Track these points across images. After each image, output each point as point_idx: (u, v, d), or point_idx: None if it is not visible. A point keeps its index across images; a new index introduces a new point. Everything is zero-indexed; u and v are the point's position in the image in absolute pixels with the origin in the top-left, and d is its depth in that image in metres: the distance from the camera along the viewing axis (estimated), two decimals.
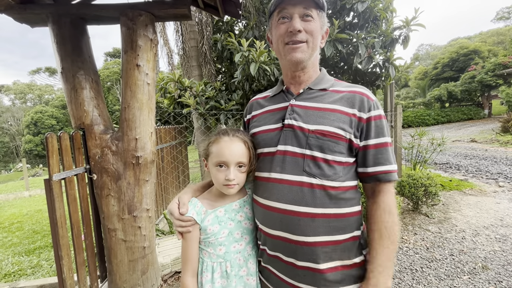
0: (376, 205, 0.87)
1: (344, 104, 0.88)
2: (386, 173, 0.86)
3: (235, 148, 0.93)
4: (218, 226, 0.97)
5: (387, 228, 0.84)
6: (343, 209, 0.85)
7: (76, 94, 1.85)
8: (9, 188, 10.87)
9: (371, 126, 0.87)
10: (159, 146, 3.67)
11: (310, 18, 0.87)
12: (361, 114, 0.87)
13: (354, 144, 0.86)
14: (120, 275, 1.99)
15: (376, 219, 0.86)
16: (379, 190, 0.88)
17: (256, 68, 3.50)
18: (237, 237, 0.98)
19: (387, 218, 0.84)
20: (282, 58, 0.94)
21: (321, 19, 0.91)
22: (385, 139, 0.87)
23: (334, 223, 0.84)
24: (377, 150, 0.86)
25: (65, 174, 1.73)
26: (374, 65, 4.04)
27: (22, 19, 1.86)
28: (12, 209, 6.52)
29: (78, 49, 1.86)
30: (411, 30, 3.99)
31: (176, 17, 2.00)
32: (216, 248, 0.97)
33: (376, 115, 0.87)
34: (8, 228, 4.86)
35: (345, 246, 0.85)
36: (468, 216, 3.75)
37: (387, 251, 0.83)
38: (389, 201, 0.86)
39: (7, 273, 3.05)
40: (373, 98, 0.89)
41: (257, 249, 1.04)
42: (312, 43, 0.89)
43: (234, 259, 0.97)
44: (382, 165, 0.86)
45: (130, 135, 1.90)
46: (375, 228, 0.85)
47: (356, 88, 0.91)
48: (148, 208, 2.04)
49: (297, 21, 0.86)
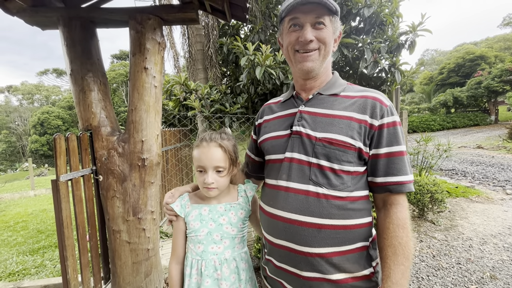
0: (388, 218, 0.83)
1: (355, 110, 0.84)
2: (398, 184, 0.81)
3: (211, 154, 0.96)
4: (199, 224, 1.00)
5: (401, 244, 0.79)
6: (352, 220, 0.81)
7: (85, 96, 1.87)
8: (14, 187, 11.00)
9: (383, 133, 0.82)
10: (165, 148, 3.69)
11: (322, 25, 0.84)
12: (372, 121, 0.82)
13: (364, 153, 0.83)
14: (124, 277, 1.99)
15: (389, 234, 0.81)
16: (390, 202, 0.83)
17: (262, 72, 3.51)
18: (216, 238, 1.00)
19: (401, 233, 0.80)
20: (292, 65, 0.92)
21: (334, 24, 0.88)
22: (399, 148, 0.82)
23: (341, 234, 0.80)
24: (388, 159, 0.82)
25: (72, 175, 1.75)
26: (379, 70, 4.02)
27: (33, 21, 1.89)
28: (17, 208, 6.58)
29: (88, 52, 1.89)
30: (418, 36, 3.98)
31: (184, 21, 2.02)
32: (196, 245, 1.01)
33: (390, 122, 0.82)
34: (13, 227, 4.90)
35: (353, 257, 0.82)
36: (475, 223, 3.69)
37: (402, 268, 0.78)
38: (402, 215, 0.81)
39: (12, 272, 3.07)
40: (387, 104, 0.84)
41: (242, 257, 1.04)
42: (324, 50, 0.86)
43: (210, 260, 0.98)
44: (393, 176, 0.81)
45: (136, 137, 1.91)
46: (388, 243, 0.81)
47: (369, 93, 0.86)
48: (152, 210, 2.04)
49: (308, 31, 0.84)
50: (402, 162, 0.81)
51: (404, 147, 0.83)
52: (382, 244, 0.83)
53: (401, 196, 0.83)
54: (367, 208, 0.85)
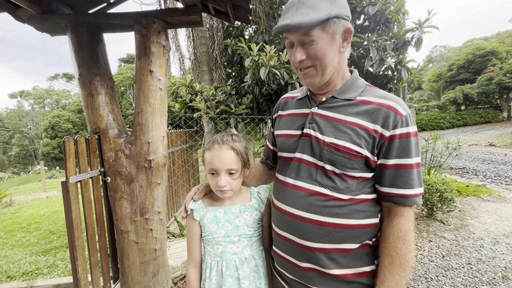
0: (390, 229, 0.82)
1: (367, 118, 0.81)
2: (402, 197, 0.80)
3: (224, 156, 0.96)
4: (215, 226, 1.01)
5: (399, 255, 0.78)
6: (355, 220, 0.82)
7: (92, 99, 1.91)
8: (27, 190, 11.29)
9: (393, 145, 0.79)
10: (171, 150, 3.73)
11: (313, 41, 0.79)
12: (383, 131, 0.79)
13: (371, 162, 0.82)
14: (132, 276, 2.03)
15: (388, 244, 0.81)
16: (394, 212, 0.83)
17: (266, 72, 3.52)
18: (234, 239, 1.01)
19: (400, 245, 0.79)
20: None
21: (330, 29, 0.79)
22: (409, 161, 0.79)
23: (343, 233, 0.82)
24: (396, 171, 0.80)
25: (81, 177, 1.79)
26: (385, 68, 3.98)
27: (43, 28, 1.94)
28: (30, 209, 6.76)
29: (95, 56, 1.93)
30: (424, 32, 3.93)
31: (188, 23, 2.05)
32: (214, 247, 1.01)
33: (403, 133, 0.79)
34: (27, 228, 5.04)
35: (354, 254, 0.84)
36: (486, 223, 3.60)
37: (397, 278, 0.78)
38: (404, 227, 0.80)
39: (25, 272, 3.16)
40: (402, 113, 0.79)
41: (260, 255, 1.05)
42: (320, 65, 0.83)
43: (230, 260, 1.00)
44: (398, 188, 0.80)
45: (143, 139, 1.94)
46: (386, 252, 0.81)
47: (386, 101, 0.82)
48: (159, 211, 2.08)
49: (297, 50, 0.83)
50: (410, 175, 0.79)
51: (415, 160, 0.80)
52: (381, 252, 0.83)
53: (406, 208, 0.81)
54: (373, 210, 0.85)
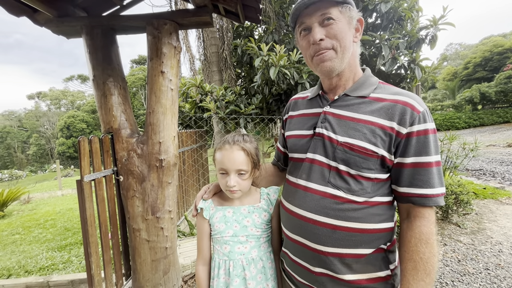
0: (411, 232, 0.78)
1: (382, 115, 0.79)
2: (422, 197, 0.76)
3: (234, 157, 0.96)
4: (224, 225, 1.02)
5: (423, 259, 0.74)
6: (370, 224, 0.79)
7: (106, 100, 1.96)
8: (44, 187, 11.69)
9: (411, 142, 0.76)
10: (181, 150, 3.77)
11: (331, 20, 0.80)
12: (400, 128, 0.76)
13: (388, 161, 0.78)
14: (144, 274, 2.06)
15: (410, 248, 0.76)
16: (414, 214, 0.78)
17: (276, 72, 3.50)
18: (242, 239, 1.01)
19: (423, 249, 0.74)
20: (314, 70, 0.90)
21: (347, 13, 0.81)
22: (428, 158, 0.76)
23: (358, 237, 0.79)
24: (414, 170, 0.77)
25: (95, 176, 1.83)
26: (398, 66, 3.89)
27: (59, 31, 2.00)
28: (46, 207, 6.99)
29: (108, 58, 1.97)
30: (439, 30, 3.81)
31: (199, 24, 2.06)
32: (222, 246, 1.02)
33: (421, 129, 0.76)
34: (43, 224, 5.21)
35: (368, 259, 0.80)
36: (505, 227, 3.46)
37: (422, 284, 0.73)
38: (426, 230, 0.76)
39: (42, 267, 3.26)
40: (419, 110, 0.77)
41: (268, 256, 1.05)
42: (339, 46, 0.81)
43: (237, 260, 1.00)
44: (418, 187, 0.76)
45: (154, 138, 1.97)
46: (408, 257, 0.76)
47: (401, 97, 0.80)
48: (170, 210, 2.10)
49: (316, 31, 0.81)
50: (429, 173, 0.76)
51: (435, 158, 0.76)
52: (402, 257, 0.79)
53: (427, 209, 0.77)
54: (388, 214, 0.82)
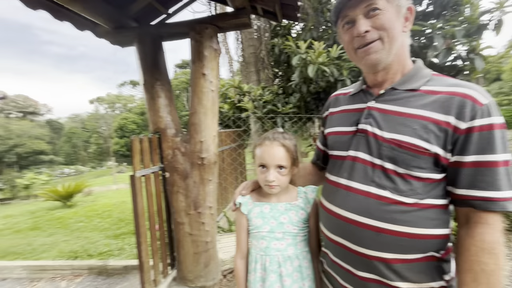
0: (471, 239, 0.69)
1: (436, 109, 0.71)
2: (485, 201, 0.67)
3: (274, 152, 0.98)
4: (261, 221, 1.04)
5: (485, 271, 0.65)
6: (420, 229, 0.71)
7: (154, 102, 2.13)
8: (102, 182, 13.17)
9: (471, 138, 0.67)
10: (221, 148, 3.91)
11: (378, 11, 0.74)
12: (458, 122, 0.68)
13: (443, 159, 0.70)
14: (186, 265, 2.19)
15: (469, 257, 0.68)
16: (475, 220, 0.69)
17: (315, 70, 3.42)
18: (278, 236, 1.01)
19: (486, 260, 0.65)
20: (358, 64, 0.85)
21: (395, 1, 0.75)
22: (494, 157, 0.66)
23: (405, 242, 0.72)
24: (476, 170, 0.68)
25: (145, 172, 2.01)
26: (454, 57, 3.48)
27: (115, 41, 2.23)
28: (104, 199, 7.86)
29: (156, 63, 2.14)
30: (506, 13, 3.31)
31: (238, 26, 2.12)
32: (259, 241, 1.04)
33: (484, 124, 0.67)
34: (101, 215, 5.88)
35: (418, 267, 0.73)
36: None
37: None
38: (490, 238, 0.66)
39: (101, 252, 3.68)
40: (482, 102, 0.68)
41: (304, 255, 1.04)
42: (387, 37, 0.75)
43: (274, 256, 1.01)
44: (480, 190, 0.67)
45: (196, 138, 2.08)
46: (467, 268, 0.68)
47: (459, 88, 0.71)
48: (210, 206, 2.20)
49: (361, 23, 0.76)
50: (495, 174, 0.66)
51: (502, 157, 0.66)
52: (460, 266, 0.70)
53: (491, 214, 0.67)
54: (442, 219, 0.73)
